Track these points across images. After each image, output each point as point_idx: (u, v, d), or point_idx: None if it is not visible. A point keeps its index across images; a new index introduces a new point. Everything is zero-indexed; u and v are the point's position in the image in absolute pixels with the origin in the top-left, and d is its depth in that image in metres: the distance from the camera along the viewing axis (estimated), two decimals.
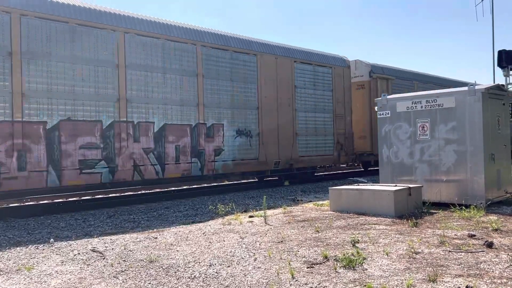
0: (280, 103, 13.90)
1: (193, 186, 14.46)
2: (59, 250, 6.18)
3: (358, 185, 9.44)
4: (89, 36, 9.93)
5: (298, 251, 5.63)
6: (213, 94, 12.16)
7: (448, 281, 4.36)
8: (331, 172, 19.24)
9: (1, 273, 5.12)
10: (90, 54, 9.91)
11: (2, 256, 5.88)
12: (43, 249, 6.24)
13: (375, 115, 16.46)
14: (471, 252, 5.40)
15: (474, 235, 6.22)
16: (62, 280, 4.80)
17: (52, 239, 6.86)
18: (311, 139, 14.89)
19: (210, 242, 6.34)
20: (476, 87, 8.82)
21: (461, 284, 4.27)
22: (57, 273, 5.05)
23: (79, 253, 5.94)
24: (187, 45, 11.64)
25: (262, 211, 8.17)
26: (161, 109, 11.05)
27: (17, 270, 5.22)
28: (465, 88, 8.94)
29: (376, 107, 10.07)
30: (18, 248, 6.36)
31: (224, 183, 15.19)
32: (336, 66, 15.88)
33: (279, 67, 13.92)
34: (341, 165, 18.08)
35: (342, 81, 15.99)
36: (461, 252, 5.43)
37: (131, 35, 10.58)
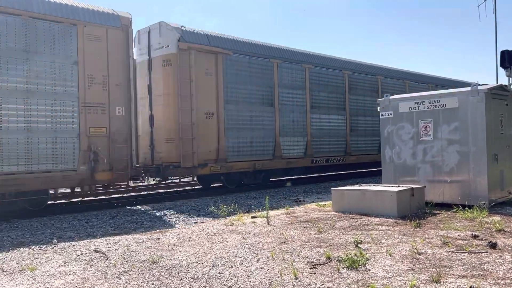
0: None
1: (196, 187, 14.45)
2: (62, 250, 6.19)
3: (361, 185, 9.43)
4: None
5: (301, 252, 5.62)
6: None
7: (452, 282, 4.35)
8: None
9: (5, 273, 5.13)
10: None
11: (6, 257, 5.89)
12: (46, 250, 6.25)
13: (186, 107, 11.73)
14: (474, 253, 5.39)
15: (478, 236, 6.21)
16: (65, 280, 4.81)
17: (55, 240, 6.88)
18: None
19: (212, 242, 6.35)
20: (479, 87, 8.80)
21: (464, 285, 4.26)
22: (60, 274, 5.05)
23: (82, 254, 5.95)
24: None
25: (265, 212, 8.17)
26: None
27: (21, 270, 5.23)
28: (468, 89, 8.92)
29: (378, 108, 10.06)
30: (21, 248, 6.38)
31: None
32: (90, 23, 9.95)
33: None
34: (97, 186, 10.68)
35: (104, 49, 10.13)
36: (465, 252, 5.41)
37: None
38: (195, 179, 14.68)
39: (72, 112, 9.71)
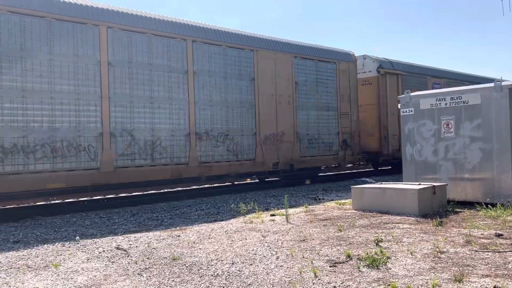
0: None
1: (214, 185, 14.52)
2: (85, 247, 6.30)
3: (381, 183, 9.34)
4: None
5: (321, 250, 5.60)
6: None
7: (475, 281, 4.27)
8: (339, 172, 18.31)
9: (30, 269, 5.25)
10: None
11: (30, 253, 6.03)
12: (69, 247, 6.37)
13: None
14: (498, 252, 5.28)
15: (502, 235, 6.08)
16: (88, 277, 4.89)
17: (77, 237, 7.00)
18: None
19: (232, 240, 6.37)
20: (503, 83, 8.62)
21: (488, 284, 4.18)
22: (83, 270, 5.14)
23: (104, 251, 6.04)
24: None
25: (284, 210, 8.16)
26: None
27: (45, 266, 5.34)
28: (491, 85, 8.74)
29: (399, 105, 9.94)
30: (45, 245, 6.51)
31: (245, 182, 15.20)
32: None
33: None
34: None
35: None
36: (488, 251, 5.31)
37: None
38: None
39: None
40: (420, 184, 8.59)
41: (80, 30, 9.70)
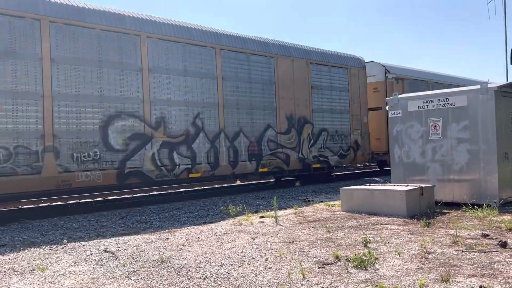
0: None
1: (204, 187, 14.50)
2: (72, 250, 6.25)
3: (370, 185, 9.39)
4: None
5: (309, 251, 5.62)
6: None
7: (461, 281, 4.32)
8: (348, 172, 19.26)
9: (16, 273, 5.19)
10: None
11: (17, 257, 5.96)
12: (57, 250, 6.31)
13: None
14: (484, 252, 5.34)
15: (488, 235, 6.16)
16: (75, 280, 4.85)
17: (65, 240, 6.94)
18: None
19: (221, 242, 6.36)
20: (489, 85, 8.73)
21: (474, 284, 4.23)
22: (70, 273, 5.10)
23: (91, 254, 5.99)
24: None
25: (273, 212, 8.17)
26: None
27: (31, 270, 5.29)
28: (478, 87, 8.84)
29: (387, 107, 10.01)
30: (32, 248, 6.44)
31: (235, 184, 15.20)
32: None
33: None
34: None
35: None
36: (475, 252, 5.37)
37: None
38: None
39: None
40: (408, 185, 8.65)
41: None
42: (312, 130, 14.29)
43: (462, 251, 5.42)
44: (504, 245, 5.56)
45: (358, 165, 17.77)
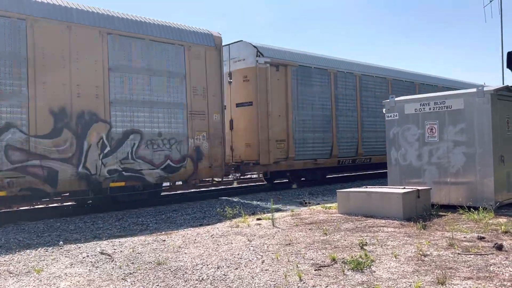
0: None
1: (201, 190, 14.48)
2: (68, 252, 6.23)
3: (366, 187, 9.41)
4: None
5: (306, 254, 5.62)
6: None
7: (457, 284, 4.33)
8: (345, 175, 18.46)
9: (11, 275, 5.17)
10: None
11: (12, 259, 5.94)
12: (53, 252, 6.29)
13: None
14: (480, 255, 5.36)
15: (484, 238, 6.17)
16: (71, 282, 4.84)
17: (61, 242, 6.92)
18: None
19: (218, 244, 6.36)
20: (485, 88, 8.77)
21: (470, 287, 4.24)
22: (66, 275, 5.08)
23: (88, 256, 5.98)
24: None
25: (270, 214, 8.17)
26: None
27: (27, 272, 5.27)
28: (474, 90, 8.88)
29: (384, 109, 10.04)
30: (28, 250, 6.42)
31: (232, 186, 15.20)
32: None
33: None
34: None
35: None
36: (471, 254, 5.39)
37: None
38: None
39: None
40: (404, 188, 8.67)
41: None
42: (109, 132, 9.94)
43: (458, 253, 5.44)
44: (500, 247, 5.58)
45: (208, 179, 13.15)
